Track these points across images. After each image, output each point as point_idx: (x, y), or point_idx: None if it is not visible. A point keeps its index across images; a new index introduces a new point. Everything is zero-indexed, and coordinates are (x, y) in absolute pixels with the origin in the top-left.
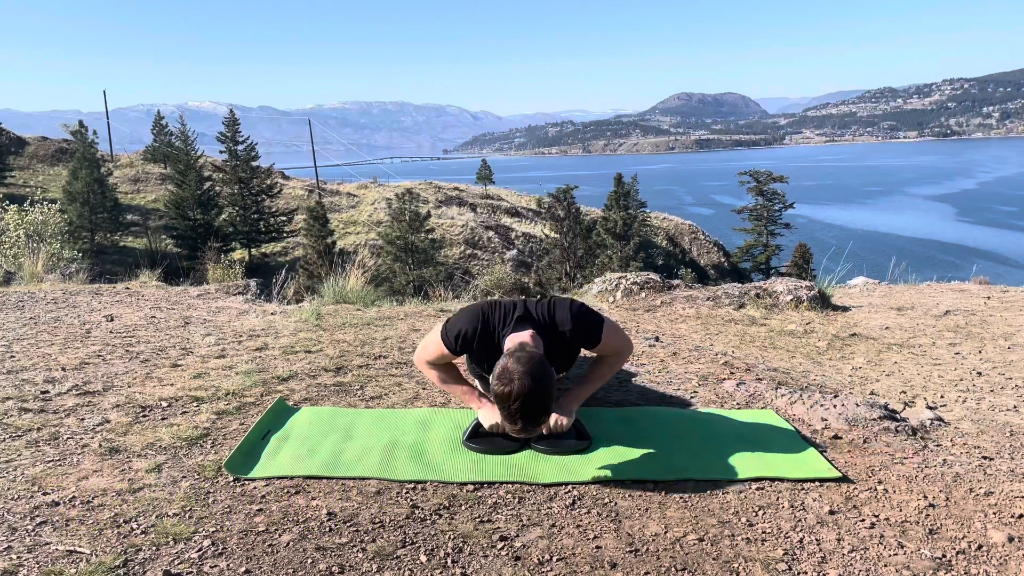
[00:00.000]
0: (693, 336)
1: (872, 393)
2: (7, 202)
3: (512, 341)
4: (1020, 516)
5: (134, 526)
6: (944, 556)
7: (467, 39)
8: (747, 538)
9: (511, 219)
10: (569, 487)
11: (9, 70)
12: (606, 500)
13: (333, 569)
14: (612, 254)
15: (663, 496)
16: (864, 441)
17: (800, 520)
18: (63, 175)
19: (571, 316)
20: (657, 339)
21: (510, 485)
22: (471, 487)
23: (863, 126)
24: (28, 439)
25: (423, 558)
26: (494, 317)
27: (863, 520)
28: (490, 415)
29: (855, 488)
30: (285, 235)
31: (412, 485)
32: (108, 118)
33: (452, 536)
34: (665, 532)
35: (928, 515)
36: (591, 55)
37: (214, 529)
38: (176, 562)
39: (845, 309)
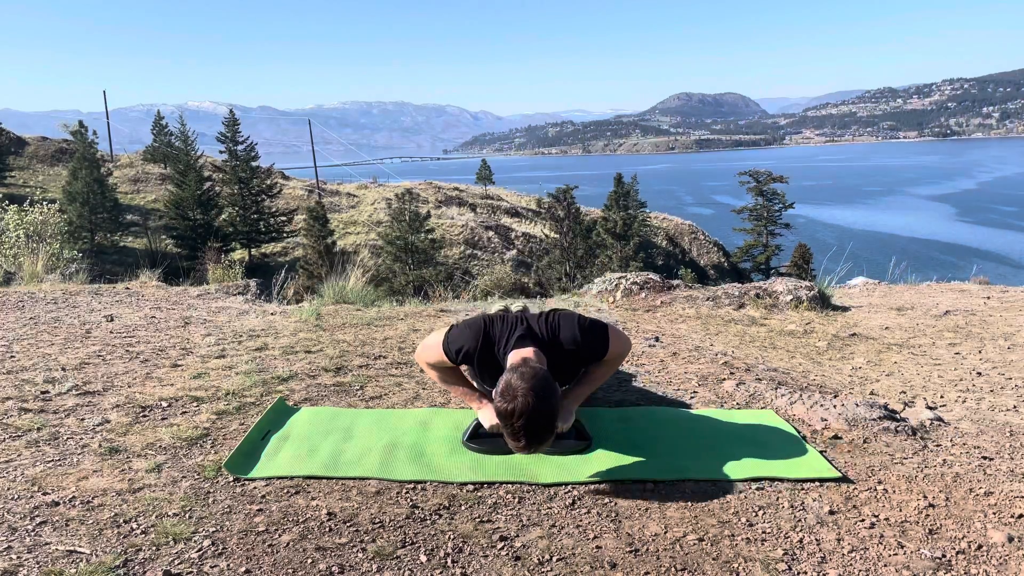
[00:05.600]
0: (693, 336)
1: (872, 393)
2: (7, 202)
3: (515, 356)
4: (1020, 516)
5: (134, 526)
6: (944, 556)
7: (467, 39)
8: (747, 538)
9: (511, 219)
10: (569, 487)
11: (9, 70)
12: (606, 500)
13: (333, 569)
14: (612, 254)
15: (663, 496)
16: (864, 441)
17: (800, 520)
18: (63, 175)
19: (580, 331)
20: (657, 339)
21: (510, 485)
22: (471, 487)
23: (863, 126)
24: (28, 439)
25: (423, 558)
26: (495, 331)
27: (863, 520)
28: (490, 415)
29: (855, 488)
30: (285, 235)
31: (412, 485)
32: (108, 118)
33: (452, 536)
34: (665, 532)
35: (928, 515)
36: (591, 55)
37: (214, 529)
38: (176, 562)
39: (845, 309)
